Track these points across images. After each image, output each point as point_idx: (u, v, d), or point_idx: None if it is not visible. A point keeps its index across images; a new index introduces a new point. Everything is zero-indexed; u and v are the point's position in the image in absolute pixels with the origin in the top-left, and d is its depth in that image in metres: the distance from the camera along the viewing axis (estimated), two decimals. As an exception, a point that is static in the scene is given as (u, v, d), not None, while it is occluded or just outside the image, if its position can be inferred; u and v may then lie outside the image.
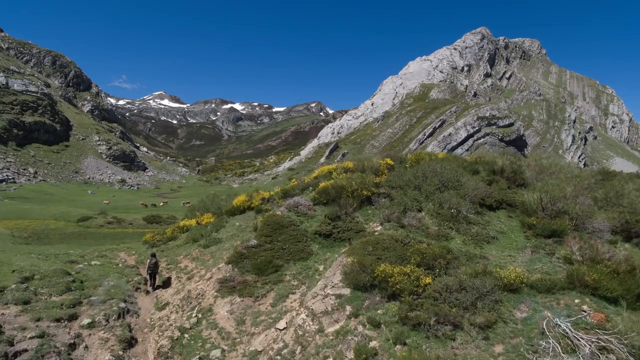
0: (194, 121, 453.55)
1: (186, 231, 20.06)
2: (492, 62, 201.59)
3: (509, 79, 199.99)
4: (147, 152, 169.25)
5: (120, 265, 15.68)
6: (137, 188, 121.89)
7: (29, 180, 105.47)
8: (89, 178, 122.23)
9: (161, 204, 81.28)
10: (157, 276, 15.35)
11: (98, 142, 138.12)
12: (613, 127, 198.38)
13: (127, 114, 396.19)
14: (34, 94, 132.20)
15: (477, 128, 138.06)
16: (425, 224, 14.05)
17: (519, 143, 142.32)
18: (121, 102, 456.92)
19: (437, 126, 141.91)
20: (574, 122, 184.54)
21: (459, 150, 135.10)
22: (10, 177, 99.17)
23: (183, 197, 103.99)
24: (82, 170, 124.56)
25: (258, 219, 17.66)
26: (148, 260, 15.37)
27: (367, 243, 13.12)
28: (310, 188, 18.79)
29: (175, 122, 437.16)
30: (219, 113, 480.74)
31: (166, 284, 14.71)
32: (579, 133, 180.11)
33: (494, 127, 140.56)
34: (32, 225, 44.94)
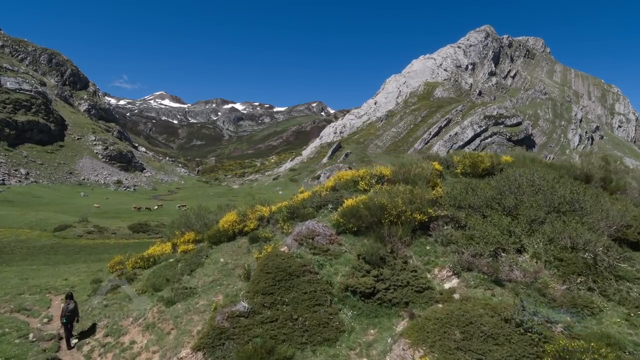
0: (194, 121, 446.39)
1: (153, 264, 14.00)
2: (496, 60, 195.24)
3: (513, 77, 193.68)
4: (145, 152, 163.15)
5: (31, 336, 9.57)
6: (134, 189, 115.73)
7: (19, 181, 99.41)
8: (84, 179, 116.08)
9: (155, 207, 75.03)
10: (75, 325, 10.55)
11: (94, 142, 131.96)
12: (619, 126, 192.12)
13: (128, 114, 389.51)
14: (27, 93, 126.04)
15: (484, 127, 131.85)
16: (543, 281, 7.90)
17: (527, 143, 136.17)
18: (122, 102, 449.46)
19: (442, 125, 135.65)
20: (581, 121, 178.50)
21: (465, 150, 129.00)
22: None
23: (180, 199, 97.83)
24: (76, 171, 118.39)
25: (252, 254, 11.49)
26: (62, 305, 10.38)
27: (448, 322, 6.96)
28: (330, 206, 12.63)
29: (176, 122, 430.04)
30: (219, 113, 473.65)
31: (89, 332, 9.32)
32: (586, 132, 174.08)
33: (501, 126, 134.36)
34: (0, 235, 38.86)
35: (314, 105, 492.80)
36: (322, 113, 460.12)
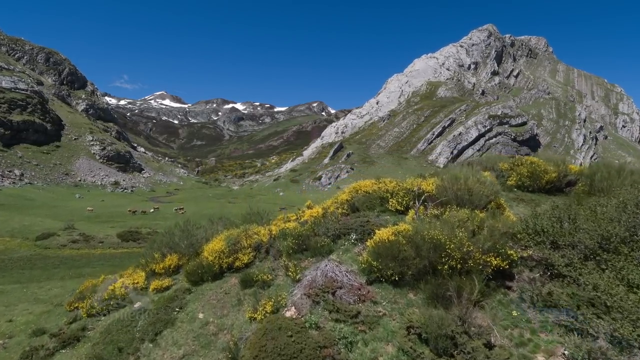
0: (195, 121, 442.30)
1: (115, 308, 10.38)
2: (499, 59, 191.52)
3: (516, 77, 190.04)
4: (144, 153, 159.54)
5: None
6: (131, 191, 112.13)
7: (13, 183, 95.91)
8: (80, 180, 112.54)
9: (152, 210, 71.32)
10: None
11: (91, 142, 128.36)
12: (623, 126, 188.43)
13: (129, 114, 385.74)
14: (23, 92, 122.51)
15: (488, 127, 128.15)
16: None
17: (532, 143, 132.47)
18: (122, 102, 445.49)
19: (446, 125, 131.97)
20: (584, 121, 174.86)
21: (469, 151, 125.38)
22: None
23: (178, 201, 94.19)
24: (73, 172, 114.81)
25: (245, 309, 7.86)
26: None
27: None
28: (353, 236, 8.98)
29: (176, 122, 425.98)
30: (220, 113, 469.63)
31: None
32: (590, 133, 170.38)
33: (506, 126, 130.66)
34: (-24, 245, 35.31)
35: (314, 105, 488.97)
36: (323, 113, 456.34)
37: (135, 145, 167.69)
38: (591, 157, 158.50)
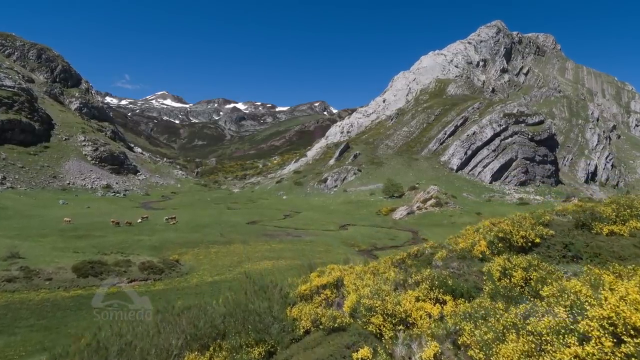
0: (196, 121, 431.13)
1: None
2: (508, 56, 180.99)
3: (526, 74, 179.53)
4: (141, 153, 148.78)
5: None
6: (124, 195, 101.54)
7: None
8: (69, 184, 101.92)
9: (139, 220, 60.22)
10: None
11: (83, 143, 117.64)
12: (637, 125, 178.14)
13: (129, 114, 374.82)
14: (9, 89, 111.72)
15: (504, 126, 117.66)
16: None
17: (550, 143, 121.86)
18: (123, 102, 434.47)
19: (458, 124, 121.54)
20: (597, 120, 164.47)
21: (484, 151, 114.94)
22: (-35, 185, 79.16)
23: (172, 206, 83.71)
24: (61, 174, 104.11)
25: None
26: None
27: None
28: None
29: (177, 122, 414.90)
30: (221, 113, 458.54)
31: None
32: (603, 132, 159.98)
33: (522, 125, 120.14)
34: None
35: (316, 104, 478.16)
36: (325, 112, 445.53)
37: (133, 145, 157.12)
38: (606, 158, 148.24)
